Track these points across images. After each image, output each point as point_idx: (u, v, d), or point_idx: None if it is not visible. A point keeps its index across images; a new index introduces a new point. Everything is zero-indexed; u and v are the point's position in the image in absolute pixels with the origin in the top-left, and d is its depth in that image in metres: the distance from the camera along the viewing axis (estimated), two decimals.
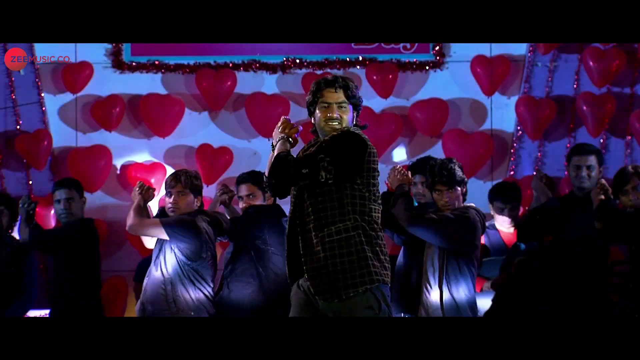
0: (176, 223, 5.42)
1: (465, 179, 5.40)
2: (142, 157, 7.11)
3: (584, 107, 6.82)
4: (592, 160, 6.00)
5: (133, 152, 7.08)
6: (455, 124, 7.00)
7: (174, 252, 5.39)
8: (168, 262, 5.41)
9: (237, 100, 7.10)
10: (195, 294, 5.42)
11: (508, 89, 7.05)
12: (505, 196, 6.23)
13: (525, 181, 6.81)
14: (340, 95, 4.25)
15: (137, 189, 5.59)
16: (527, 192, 6.60)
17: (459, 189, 5.32)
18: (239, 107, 7.10)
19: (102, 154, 6.99)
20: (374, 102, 6.95)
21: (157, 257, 5.44)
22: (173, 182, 5.50)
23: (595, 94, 6.86)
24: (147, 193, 5.60)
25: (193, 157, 7.06)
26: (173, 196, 5.48)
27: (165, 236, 5.39)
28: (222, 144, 7.04)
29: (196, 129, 7.15)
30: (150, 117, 6.99)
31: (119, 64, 7.11)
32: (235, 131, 7.12)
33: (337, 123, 4.19)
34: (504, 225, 6.11)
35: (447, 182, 5.29)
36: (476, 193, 6.39)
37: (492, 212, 6.21)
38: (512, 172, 6.92)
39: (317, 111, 4.20)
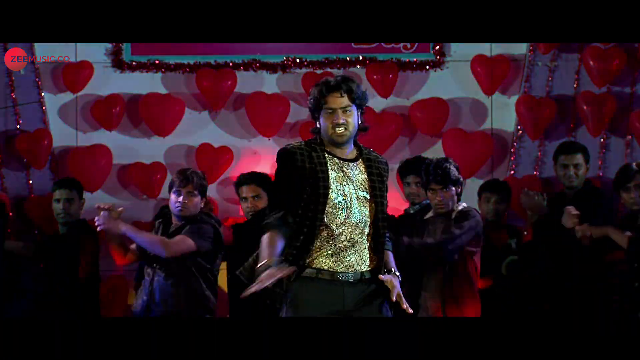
0: (203, 235, 5.53)
1: (461, 179, 5.42)
2: (142, 156, 7.17)
3: (584, 107, 6.86)
4: (579, 158, 6.08)
5: (133, 151, 7.13)
6: (455, 124, 7.03)
7: (191, 255, 5.49)
8: (183, 264, 5.51)
9: (237, 100, 7.15)
10: (207, 294, 5.53)
11: (508, 89, 7.10)
12: (493, 186, 6.39)
13: (526, 180, 6.87)
14: (344, 100, 4.25)
15: (111, 213, 5.55)
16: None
17: (453, 188, 5.34)
18: (239, 106, 7.15)
19: (103, 154, 7.04)
20: (375, 101, 6.97)
21: (168, 259, 5.53)
22: (184, 182, 5.53)
23: (595, 93, 6.89)
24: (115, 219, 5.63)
25: (193, 156, 7.10)
26: (182, 196, 5.51)
27: (195, 249, 5.48)
28: (222, 143, 7.10)
29: (196, 128, 7.20)
30: (150, 116, 7.04)
31: (119, 64, 7.15)
32: (236, 131, 7.17)
33: (343, 129, 4.19)
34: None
35: (442, 182, 5.32)
36: (476, 193, 6.46)
37: (479, 209, 6.27)
38: (512, 172, 6.95)
39: (322, 117, 4.23)
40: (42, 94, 7.18)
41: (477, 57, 6.99)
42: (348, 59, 7.07)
